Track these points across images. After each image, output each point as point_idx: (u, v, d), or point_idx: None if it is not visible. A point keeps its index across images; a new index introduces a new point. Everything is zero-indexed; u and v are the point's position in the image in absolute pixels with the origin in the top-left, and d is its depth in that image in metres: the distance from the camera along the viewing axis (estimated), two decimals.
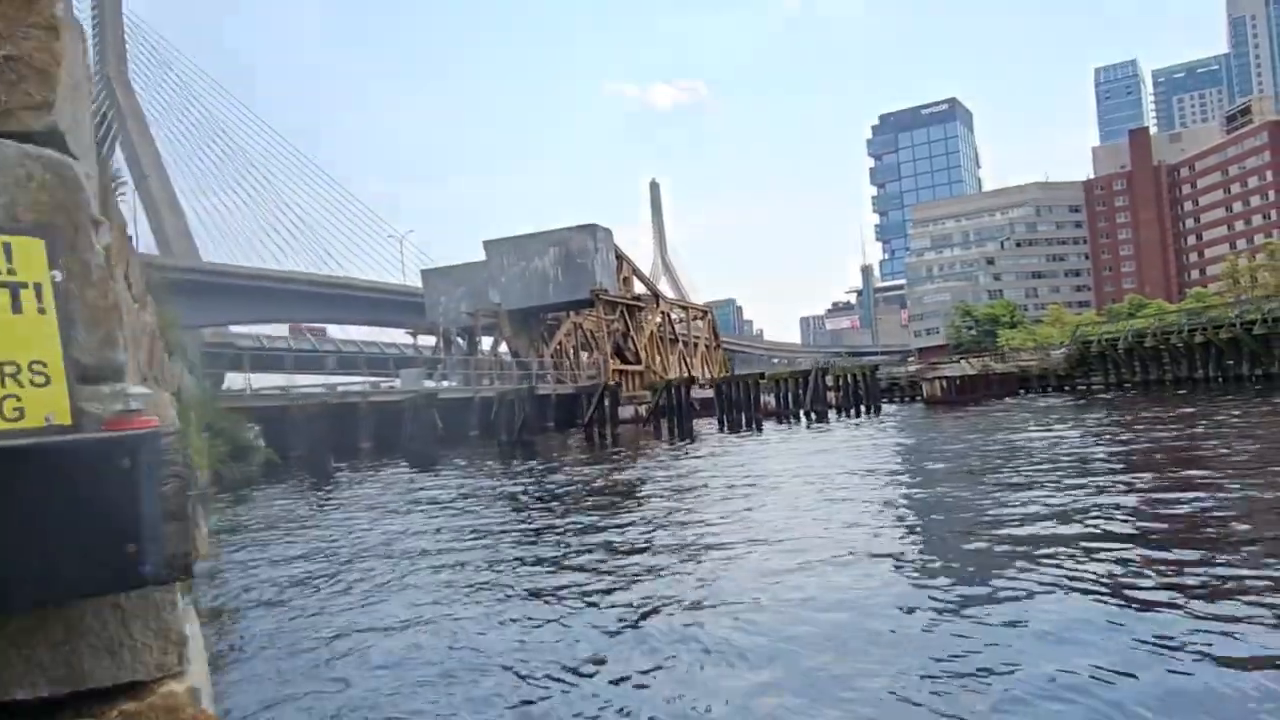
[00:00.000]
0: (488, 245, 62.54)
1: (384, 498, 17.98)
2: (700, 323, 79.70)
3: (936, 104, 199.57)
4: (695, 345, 76.16)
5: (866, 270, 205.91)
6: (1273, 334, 41.09)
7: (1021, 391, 50.29)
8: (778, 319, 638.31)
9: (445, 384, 54.10)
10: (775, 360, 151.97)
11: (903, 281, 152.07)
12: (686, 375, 58.53)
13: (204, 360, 54.53)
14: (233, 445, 19.56)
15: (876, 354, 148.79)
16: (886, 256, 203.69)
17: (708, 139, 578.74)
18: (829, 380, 41.41)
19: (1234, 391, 37.21)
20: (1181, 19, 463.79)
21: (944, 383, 43.28)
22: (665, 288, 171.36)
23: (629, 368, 62.15)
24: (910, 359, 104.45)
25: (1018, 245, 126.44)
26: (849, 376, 41.86)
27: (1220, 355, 44.24)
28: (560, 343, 61.65)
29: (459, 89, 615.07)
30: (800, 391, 38.97)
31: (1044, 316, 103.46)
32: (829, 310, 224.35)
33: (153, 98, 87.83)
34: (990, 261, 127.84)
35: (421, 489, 19.21)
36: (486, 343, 65.81)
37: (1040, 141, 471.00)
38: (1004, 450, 19.12)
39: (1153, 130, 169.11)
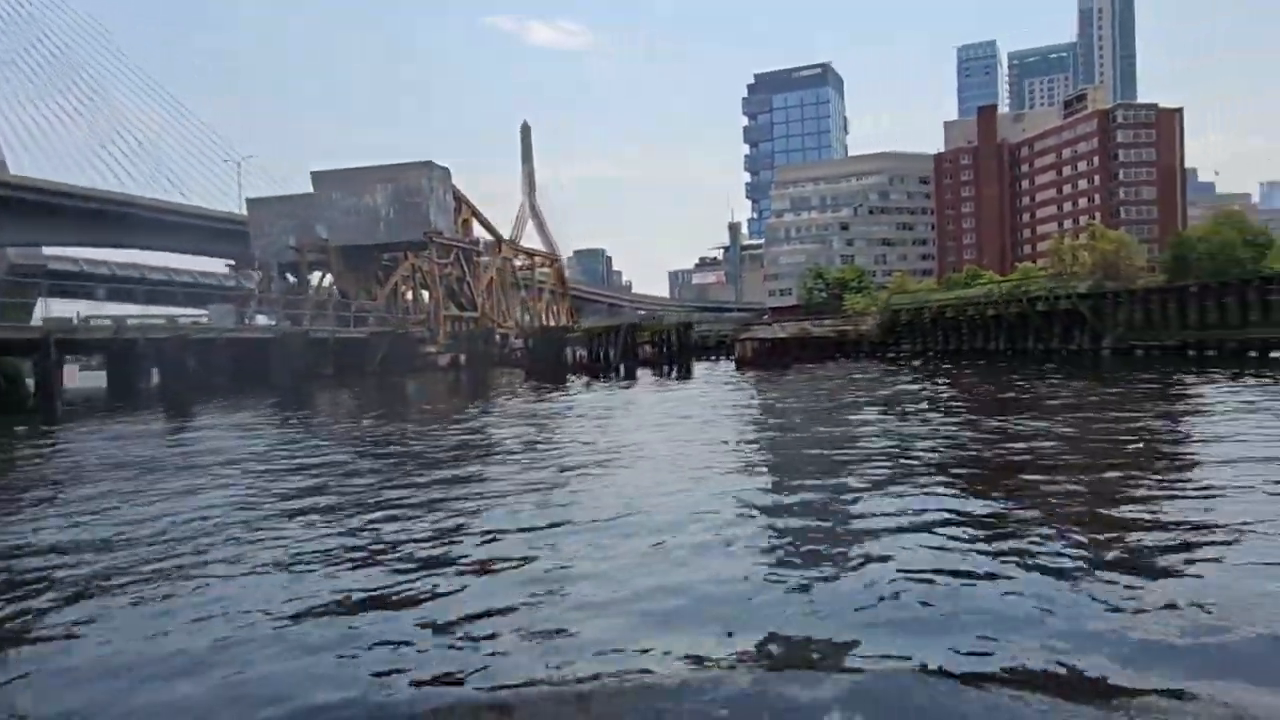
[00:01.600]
0: (315, 177, 59.35)
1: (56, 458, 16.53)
2: (547, 270, 78.82)
3: (810, 68, 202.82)
4: (540, 293, 75.36)
5: (734, 228, 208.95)
6: (1053, 311, 44.22)
7: (837, 356, 52.21)
8: (649, 272, 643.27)
9: (264, 321, 51.42)
10: (641, 312, 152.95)
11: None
12: (498, 324, 57.93)
13: None
14: None
15: (737, 311, 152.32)
16: (755, 215, 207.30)
17: (589, 87, 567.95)
18: (645, 336, 41.70)
19: (1018, 361, 39.98)
20: (1042, 4, 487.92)
21: (755, 344, 44.42)
22: (533, 234, 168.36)
23: (464, 314, 60.81)
24: (765, 317, 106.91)
25: (870, 212, 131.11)
26: (664, 334, 42.30)
27: (1011, 329, 47.28)
28: (396, 284, 59.46)
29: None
30: (611, 347, 39.04)
31: (889, 283, 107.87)
32: (696, 265, 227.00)
33: None
34: (844, 227, 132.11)
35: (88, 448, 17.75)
36: (322, 280, 62.71)
37: (908, 112, 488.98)
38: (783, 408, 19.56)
39: (1005, 110, 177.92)
